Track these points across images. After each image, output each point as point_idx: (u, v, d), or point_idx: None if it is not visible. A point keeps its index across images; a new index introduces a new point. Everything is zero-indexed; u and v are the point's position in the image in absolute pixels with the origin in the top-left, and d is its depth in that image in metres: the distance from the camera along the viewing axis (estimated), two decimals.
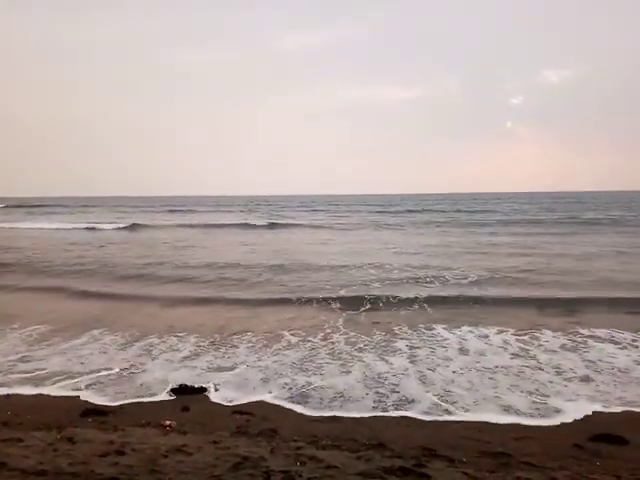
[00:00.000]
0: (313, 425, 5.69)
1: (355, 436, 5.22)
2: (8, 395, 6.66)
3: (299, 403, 6.42)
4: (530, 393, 6.66)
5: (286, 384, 7.03)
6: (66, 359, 8.15)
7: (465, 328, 9.86)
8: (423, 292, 13.15)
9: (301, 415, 6.09)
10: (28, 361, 8.08)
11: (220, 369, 7.71)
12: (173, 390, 6.83)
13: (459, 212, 57.69)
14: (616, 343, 8.75)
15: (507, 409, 6.20)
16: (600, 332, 9.36)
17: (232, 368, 7.72)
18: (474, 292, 13.31)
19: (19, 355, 8.37)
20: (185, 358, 8.21)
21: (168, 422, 5.52)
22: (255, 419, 5.84)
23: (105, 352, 8.51)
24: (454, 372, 7.48)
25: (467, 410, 6.20)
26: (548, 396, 6.55)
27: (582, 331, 9.45)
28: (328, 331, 9.71)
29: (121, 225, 40.37)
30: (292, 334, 9.47)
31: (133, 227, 39.43)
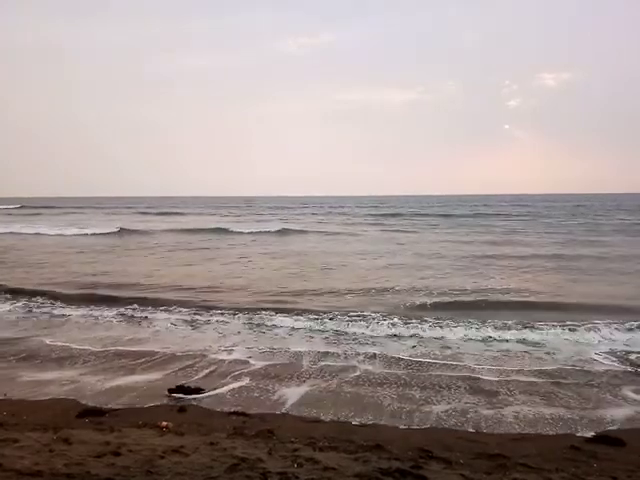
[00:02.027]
0: (310, 426, 5.68)
1: (352, 437, 5.21)
2: (5, 395, 6.65)
3: None
4: None
5: None
6: None
7: None
8: None
9: (298, 416, 6.09)
10: None
11: None
12: (170, 390, 6.80)
13: (482, 215, 52.07)
14: None
15: None
16: None
17: None
18: None
19: None
20: None
21: (165, 423, 5.50)
22: (252, 420, 5.83)
23: None
24: None
25: None
26: None
27: None
28: None
29: (108, 230, 35.15)
30: None
31: (121, 233, 34.45)
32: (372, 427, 5.75)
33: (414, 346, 9.04)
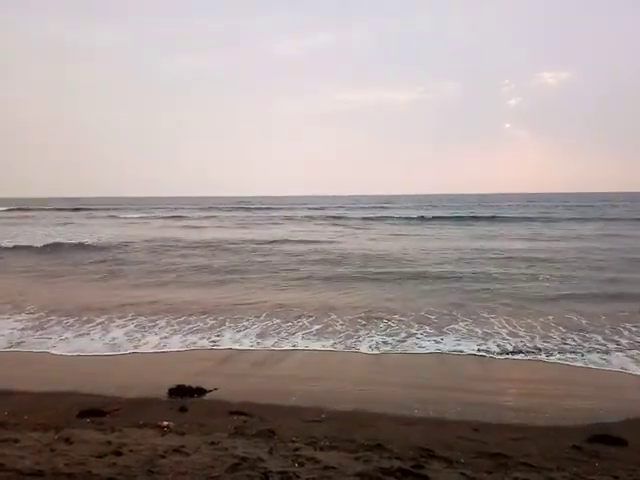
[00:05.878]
0: (311, 426, 5.68)
1: (353, 437, 5.21)
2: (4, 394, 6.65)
3: None
4: None
5: None
6: None
7: None
8: None
9: (299, 415, 6.09)
10: None
11: None
12: (171, 391, 6.80)
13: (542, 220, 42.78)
14: None
15: None
16: None
17: None
18: None
19: None
20: None
21: (166, 423, 5.50)
22: (253, 420, 5.83)
23: None
24: None
25: None
26: None
27: None
28: None
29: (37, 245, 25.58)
30: None
31: (54, 247, 25.09)
32: (373, 426, 5.75)
33: None
